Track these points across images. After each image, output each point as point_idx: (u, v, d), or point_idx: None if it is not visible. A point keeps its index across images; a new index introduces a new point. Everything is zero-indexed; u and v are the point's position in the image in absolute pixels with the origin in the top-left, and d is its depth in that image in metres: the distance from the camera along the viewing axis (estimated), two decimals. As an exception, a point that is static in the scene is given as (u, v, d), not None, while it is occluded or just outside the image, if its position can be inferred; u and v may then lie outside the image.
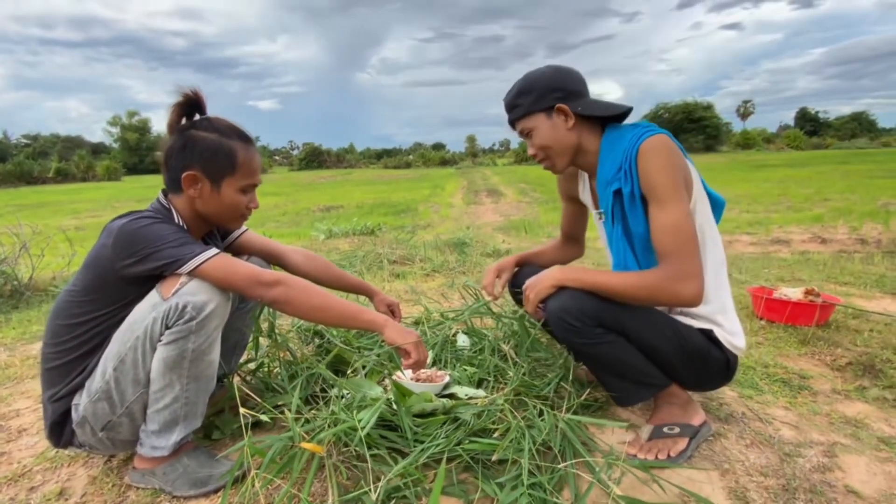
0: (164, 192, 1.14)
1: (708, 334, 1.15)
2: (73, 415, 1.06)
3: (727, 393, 1.47)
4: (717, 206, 1.21)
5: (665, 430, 1.15)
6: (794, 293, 2.11)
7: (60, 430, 1.08)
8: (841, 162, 18.31)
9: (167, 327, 1.00)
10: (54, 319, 1.07)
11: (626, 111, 1.16)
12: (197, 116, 1.13)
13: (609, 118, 1.19)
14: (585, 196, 1.37)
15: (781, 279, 2.95)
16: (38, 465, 1.22)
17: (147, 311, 1.01)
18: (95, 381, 1.03)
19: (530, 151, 1.23)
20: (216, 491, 1.07)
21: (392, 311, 1.49)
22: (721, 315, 1.15)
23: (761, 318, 2.13)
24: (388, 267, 3.51)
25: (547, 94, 1.15)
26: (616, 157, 1.13)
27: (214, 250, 1.05)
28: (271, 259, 1.40)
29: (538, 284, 1.15)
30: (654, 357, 1.13)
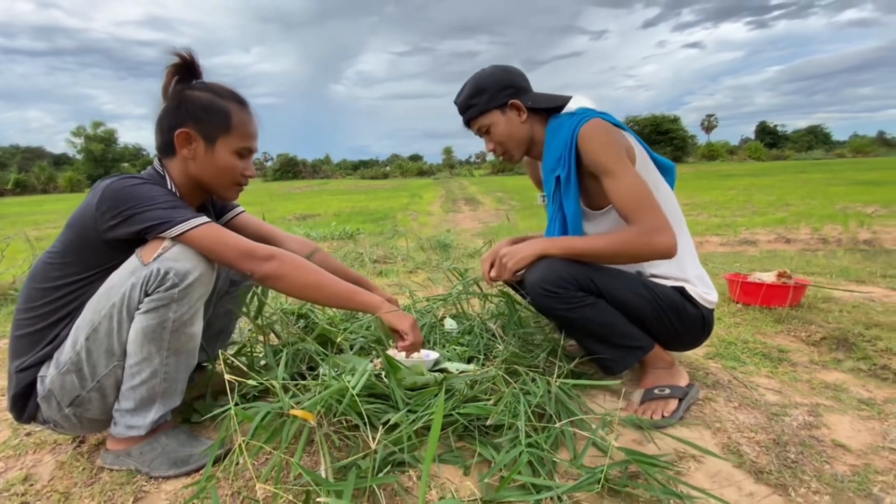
0: (160, 159, 1.09)
1: (681, 291, 1.19)
2: (39, 387, 0.99)
3: (711, 364, 1.50)
4: (667, 172, 1.29)
5: (656, 391, 1.16)
6: (768, 276, 2.18)
7: (24, 402, 1.01)
8: (799, 171, 19.24)
9: (147, 294, 0.95)
10: (30, 283, 1.00)
11: (567, 100, 1.25)
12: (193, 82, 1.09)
13: (552, 109, 1.26)
14: None
15: (752, 271, 3.05)
16: (0, 454, 1.13)
17: (125, 276, 0.95)
18: (65, 352, 0.97)
19: (488, 147, 1.29)
20: (198, 470, 1.01)
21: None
22: (688, 270, 1.21)
23: (737, 302, 2.19)
24: (371, 266, 3.47)
25: (499, 92, 1.22)
26: (557, 145, 1.20)
27: (205, 218, 1.01)
28: (265, 243, 1.34)
29: (518, 253, 1.18)
30: (632, 315, 1.16)
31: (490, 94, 1.22)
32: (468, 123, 1.30)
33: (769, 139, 64.16)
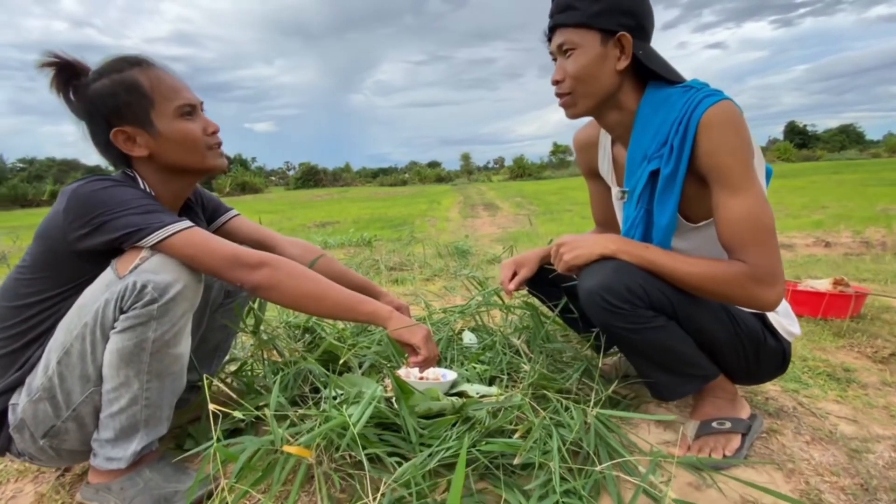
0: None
1: (762, 319, 1.00)
2: (10, 417, 0.88)
3: (770, 388, 1.31)
4: (766, 176, 1.07)
5: (714, 425, 0.99)
6: (822, 284, 1.97)
7: None
8: (833, 172, 18.41)
9: (122, 311, 0.83)
10: (0, 301, 0.90)
11: (683, 81, 0.96)
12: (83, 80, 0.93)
13: (655, 76, 0.96)
14: (605, 167, 1.17)
15: (797, 278, 2.82)
16: (-23, 484, 1.04)
17: (99, 291, 0.84)
18: (37, 378, 0.86)
19: (556, 76, 0.97)
20: (183, 509, 0.89)
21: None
22: None
23: (787, 313, 1.98)
24: (386, 273, 3.35)
25: (617, 13, 0.91)
26: (661, 127, 0.92)
27: (188, 222, 0.89)
28: (262, 249, 1.23)
29: (581, 247, 0.95)
30: (705, 343, 0.97)
31: (604, 8, 0.91)
32: (552, 31, 0.98)
33: (799, 139, 62.04)
